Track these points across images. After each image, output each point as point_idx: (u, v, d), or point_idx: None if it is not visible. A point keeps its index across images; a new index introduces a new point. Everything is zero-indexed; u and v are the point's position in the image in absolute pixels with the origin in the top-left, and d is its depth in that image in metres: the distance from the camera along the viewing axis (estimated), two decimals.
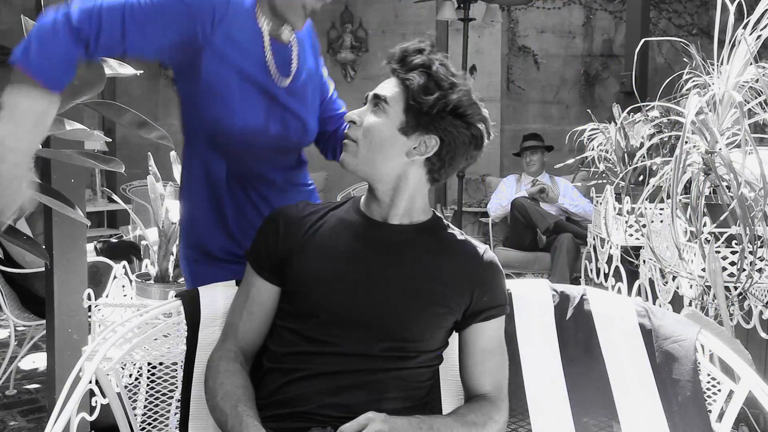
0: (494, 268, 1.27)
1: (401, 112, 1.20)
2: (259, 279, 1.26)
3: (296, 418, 1.16)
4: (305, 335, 1.20)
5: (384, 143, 1.20)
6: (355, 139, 1.23)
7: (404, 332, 1.20)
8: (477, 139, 1.23)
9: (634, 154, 2.57)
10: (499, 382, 1.26)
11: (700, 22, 6.29)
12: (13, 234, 1.12)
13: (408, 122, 1.19)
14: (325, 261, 1.23)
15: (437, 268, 1.24)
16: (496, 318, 1.26)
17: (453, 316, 1.24)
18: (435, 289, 1.22)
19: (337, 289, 1.21)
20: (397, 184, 1.23)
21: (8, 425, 2.57)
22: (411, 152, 1.21)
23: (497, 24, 6.27)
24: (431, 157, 1.21)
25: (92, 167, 2.01)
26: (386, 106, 1.20)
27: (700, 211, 1.75)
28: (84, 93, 1.07)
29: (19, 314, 2.68)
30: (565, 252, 4.00)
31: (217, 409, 1.14)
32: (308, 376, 1.18)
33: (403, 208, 1.25)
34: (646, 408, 1.27)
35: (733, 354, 1.22)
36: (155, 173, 1.83)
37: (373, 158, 1.21)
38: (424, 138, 1.20)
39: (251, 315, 1.26)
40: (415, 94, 1.18)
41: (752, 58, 1.72)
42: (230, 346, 1.24)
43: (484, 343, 1.25)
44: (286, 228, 1.26)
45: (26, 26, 1.13)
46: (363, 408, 1.12)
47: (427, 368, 1.25)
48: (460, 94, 1.19)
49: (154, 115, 6.30)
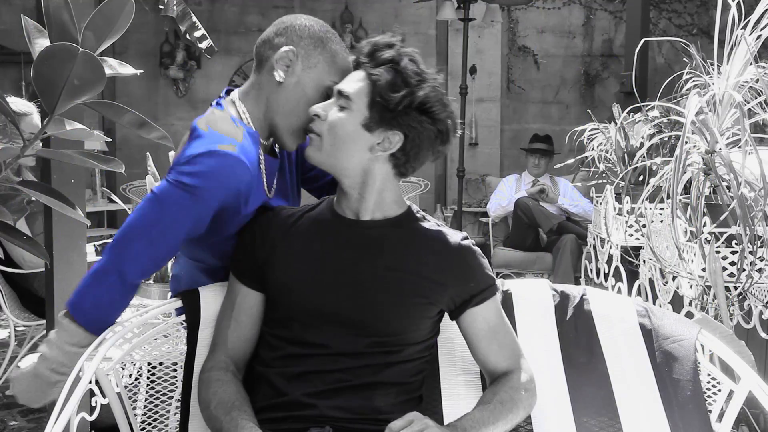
0: (472, 253, 1.26)
1: (365, 108, 1.19)
2: (242, 287, 1.27)
3: (293, 421, 1.16)
4: (291, 339, 1.21)
5: (347, 138, 1.20)
6: (319, 132, 1.22)
7: (385, 327, 1.20)
8: (443, 134, 1.22)
9: (634, 154, 2.57)
10: (513, 352, 1.26)
11: (700, 22, 6.29)
12: (13, 234, 1.11)
13: (372, 118, 1.19)
14: (300, 264, 1.23)
15: (413, 261, 1.23)
16: (489, 299, 1.26)
17: (435, 307, 1.24)
18: (412, 281, 1.22)
19: (314, 290, 1.21)
20: (363, 179, 1.22)
21: (8, 425, 2.57)
22: (374, 148, 1.20)
23: (497, 24, 6.27)
24: (395, 152, 1.21)
25: (92, 167, 2.01)
26: (350, 102, 1.20)
27: (700, 211, 1.75)
28: (84, 93, 1.07)
29: (19, 314, 2.68)
30: (569, 253, 4.00)
31: (212, 418, 1.14)
32: (300, 379, 1.18)
33: (372, 202, 1.24)
34: (646, 407, 1.27)
35: (733, 354, 1.22)
36: (154, 173, 1.83)
37: (337, 153, 1.21)
38: (387, 134, 1.19)
39: (238, 323, 1.26)
40: (382, 90, 1.17)
41: (752, 58, 1.72)
42: (220, 356, 1.24)
43: (485, 324, 1.25)
44: (262, 235, 1.26)
45: (26, 26, 1.13)
46: (359, 406, 1.13)
47: (416, 361, 1.25)
48: (427, 90, 1.18)
49: (154, 115, 6.30)
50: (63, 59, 1.04)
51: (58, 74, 1.05)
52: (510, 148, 6.37)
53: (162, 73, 6.50)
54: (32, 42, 1.11)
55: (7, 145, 1.08)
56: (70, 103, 1.07)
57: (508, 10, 6.36)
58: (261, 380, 1.22)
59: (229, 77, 6.54)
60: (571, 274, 3.98)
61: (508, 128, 6.49)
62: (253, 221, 1.28)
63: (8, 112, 1.09)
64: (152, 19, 6.09)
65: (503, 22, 6.36)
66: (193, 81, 6.56)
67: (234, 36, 6.51)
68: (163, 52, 6.50)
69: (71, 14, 1.10)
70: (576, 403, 1.31)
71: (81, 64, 1.04)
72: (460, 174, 4.77)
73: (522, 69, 6.51)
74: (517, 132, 6.46)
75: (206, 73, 6.55)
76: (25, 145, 1.07)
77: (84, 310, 1.23)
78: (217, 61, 6.16)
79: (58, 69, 1.05)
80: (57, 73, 1.05)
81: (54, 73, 1.06)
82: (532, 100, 6.55)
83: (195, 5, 6.13)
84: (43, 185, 1.11)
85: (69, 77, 1.05)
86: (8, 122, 1.21)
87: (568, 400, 1.31)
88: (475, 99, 6.11)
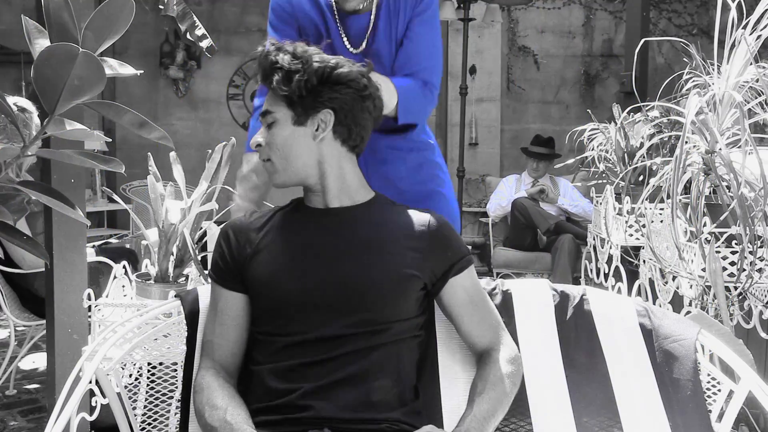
0: (444, 224, 1.31)
1: (286, 109, 1.25)
2: (224, 291, 1.28)
3: (290, 424, 1.16)
4: (279, 332, 1.22)
5: (290, 142, 1.26)
6: (268, 158, 1.28)
7: (367, 302, 1.21)
8: (362, 89, 1.27)
9: (634, 154, 2.57)
10: (495, 325, 1.30)
11: (700, 22, 6.29)
12: (13, 234, 1.11)
13: (296, 113, 1.25)
14: (277, 256, 1.26)
15: (389, 236, 1.27)
16: (466, 269, 1.29)
17: (417, 280, 1.25)
18: (390, 253, 1.25)
19: (293, 278, 1.23)
20: (321, 170, 1.27)
21: (8, 425, 2.57)
22: (315, 135, 1.26)
23: (497, 24, 6.28)
24: (335, 128, 1.26)
25: (92, 167, 2.00)
26: (273, 115, 1.27)
27: (700, 211, 1.75)
28: (84, 93, 1.07)
29: (19, 314, 2.68)
30: (566, 253, 4.01)
31: (208, 426, 1.14)
32: (293, 374, 1.18)
33: (336, 188, 1.29)
34: (646, 407, 1.27)
35: (733, 354, 1.22)
36: (155, 173, 1.83)
37: (291, 162, 1.27)
38: (318, 117, 1.25)
39: (224, 327, 1.27)
40: (282, 88, 1.23)
41: (752, 58, 1.72)
42: (209, 363, 1.25)
43: (466, 294, 1.28)
44: (236, 237, 1.29)
45: (26, 26, 1.13)
46: (354, 401, 1.13)
47: (405, 342, 1.25)
48: (315, 65, 1.24)
49: (154, 115, 6.31)
50: (63, 59, 1.04)
51: (59, 74, 1.05)
52: (510, 148, 6.38)
53: (162, 73, 6.50)
54: (32, 42, 1.11)
55: (7, 145, 1.09)
56: (70, 103, 1.07)
57: (508, 10, 6.37)
58: (255, 381, 1.23)
59: (229, 77, 6.54)
60: (569, 273, 3.99)
61: (508, 128, 6.49)
62: (228, 226, 1.33)
63: (8, 112, 1.09)
64: (152, 19, 6.09)
65: (503, 22, 6.36)
66: (193, 81, 6.56)
67: (234, 36, 6.51)
68: (163, 52, 6.50)
69: (71, 14, 1.10)
70: (576, 403, 1.31)
71: (81, 64, 1.04)
72: (460, 174, 4.78)
73: (522, 69, 6.51)
74: (517, 132, 6.46)
75: (206, 73, 6.55)
76: (25, 145, 1.07)
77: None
78: (217, 61, 6.16)
79: (58, 69, 1.05)
80: (57, 73, 1.05)
81: (54, 73, 1.06)
82: (532, 100, 6.56)
83: (195, 5, 6.13)
84: (43, 185, 1.11)
85: (69, 77, 1.05)
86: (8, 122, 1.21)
87: (568, 400, 1.31)
88: (474, 99, 6.11)
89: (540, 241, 4.19)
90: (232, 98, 6.61)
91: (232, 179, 1.72)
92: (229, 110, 6.58)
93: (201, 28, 3.85)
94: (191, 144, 6.13)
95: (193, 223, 1.79)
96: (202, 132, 6.52)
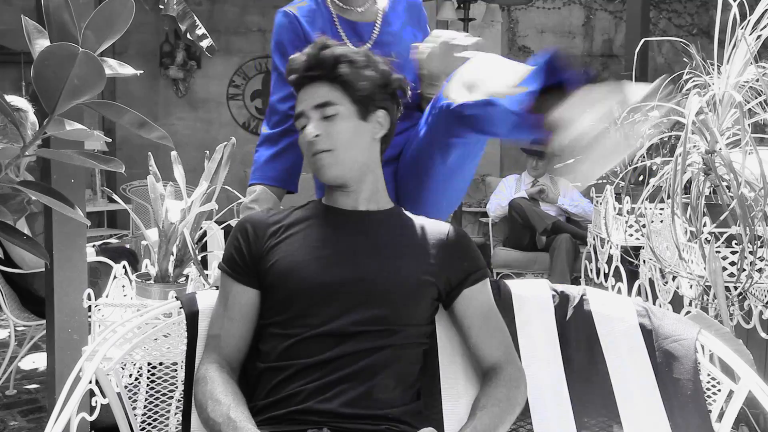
0: (464, 237, 1.33)
1: (350, 104, 1.26)
2: (236, 285, 1.27)
3: (292, 421, 1.16)
4: (289, 324, 1.21)
5: (354, 137, 1.26)
6: (330, 148, 1.26)
7: (386, 299, 1.21)
8: (394, 93, 1.32)
9: (633, 154, 2.57)
10: (504, 341, 1.29)
11: (700, 22, 6.29)
12: (13, 234, 1.11)
13: (360, 110, 1.27)
14: (299, 249, 1.26)
15: (410, 241, 1.28)
16: (481, 281, 1.29)
17: (432, 287, 1.25)
18: (411, 257, 1.26)
19: (312, 268, 1.23)
20: (364, 170, 1.29)
21: (8, 425, 2.57)
22: (374, 132, 1.29)
23: (497, 24, 6.28)
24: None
25: (92, 167, 2.00)
26: (335, 107, 1.26)
27: (700, 211, 1.75)
28: (84, 93, 1.06)
29: (19, 314, 2.68)
30: (564, 253, 4.01)
31: (210, 421, 1.13)
32: (298, 371, 1.17)
33: (369, 191, 1.30)
34: (647, 407, 1.27)
35: (733, 354, 1.22)
36: (155, 173, 1.83)
37: (353, 157, 1.26)
38: (375, 117, 1.28)
39: (232, 321, 1.26)
40: (353, 81, 1.25)
41: (752, 58, 1.72)
42: (214, 357, 1.24)
43: (478, 307, 1.28)
44: (255, 230, 1.29)
45: (26, 26, 1.13)
46: (357, 398, 1.13)
47: (414, 347, 1.25)
48: (381, 65, 1.29)
49: (154, 115, 6.31)
50: (63, 59, 1.04)
51: (58, 74, 1.05)
52: (510, 147, 6.37)
53: (162, 73, 6.50)
54: (32, 42, 1.11)
55: (7, 145, 1.09)
56: (70, 103, 1.07)
57: (508, 10, 6.37)
58: (260, 376, 1.22)
59: (229, 77, 6.54)
60: (567, 274, 3.99)
61: None
62: (245, 220, 1.31)
63: (8, 112, 1.09)
64: (152, 19, 6.09)
65: (503, 22, 6.36)
66: (193, 81, 6.56)
67: (234, 36, 6.51)
68: (163, 52, 6.50)
69: (71, 14, 1.10)
70: (576, 403, 1.31)
71: (81, 64, 1.04)
72: None
73: None
74: None
75: (206, 73, 6.55)
76: (25, 145, 1.07)
77: None
78: (217, 61, 6.16)
79: (58, 69, 1.05)
80: (57, 73, 1.05)
81: (54, 73, 1.06)
82: None
83: (195, 5, 6.12)
84: (42, 185, 1.11)
85: (69, 77, 1.05)
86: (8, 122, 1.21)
87: (568, 400, 1.31)
88: None
89: (539, 242, 4.19)
90: (232, 98, 6.61)
91: (232, 179, 1.72)
92: (229, 110, 6.59)
93: (201, 28, 3.85)
94: (191, 144, 6.12)
95: (193, 223, 1.79)
96: (202, 132, 6.52)
